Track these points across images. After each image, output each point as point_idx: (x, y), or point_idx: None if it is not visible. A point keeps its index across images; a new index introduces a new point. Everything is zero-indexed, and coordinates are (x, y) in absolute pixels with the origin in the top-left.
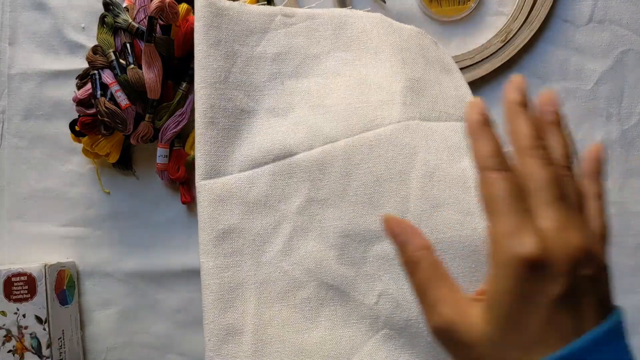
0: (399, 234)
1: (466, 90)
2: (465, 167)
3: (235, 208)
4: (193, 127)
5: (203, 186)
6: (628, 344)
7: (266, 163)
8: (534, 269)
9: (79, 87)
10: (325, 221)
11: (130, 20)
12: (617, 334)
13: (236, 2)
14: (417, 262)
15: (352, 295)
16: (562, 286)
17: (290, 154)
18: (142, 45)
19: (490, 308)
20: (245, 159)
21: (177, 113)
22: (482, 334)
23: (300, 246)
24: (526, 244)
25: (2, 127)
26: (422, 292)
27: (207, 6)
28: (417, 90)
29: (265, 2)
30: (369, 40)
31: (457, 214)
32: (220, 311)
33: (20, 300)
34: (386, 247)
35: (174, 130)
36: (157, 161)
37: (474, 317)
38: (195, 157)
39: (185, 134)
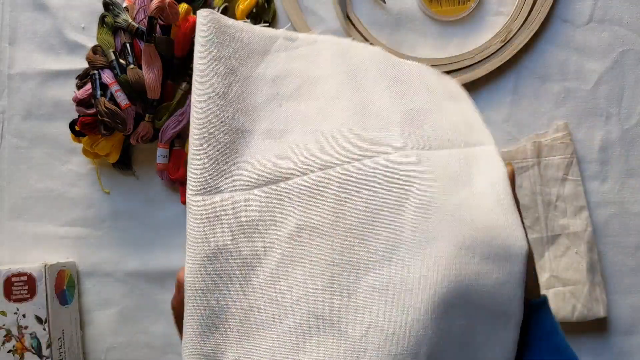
0: None
1: (473, 115)
2: (462, 199)
3: (227, 229)
4: None
5: (195, 202)
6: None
7: (259, 185)
8: None
9: (79, 87)
10: (316, 249)
11: (130, 20)
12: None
13: (239, 21)
14: None
15: (339, 327)
16: None
17: (285, 178)
18: (142, 45)
19: None
20: (239, 179)
21: (177, 113)
22: None
23: (289, 273)
24: None
25: (2, 127)
26: None
27: (211, 22)
28: (417, 120)
29: (268, 24)
30: (369, 70)
31: (451, 248)
32: (202, 336)
33: (20, 300)
34: (378, 278)
35: (174, 130)
36: (157, 161)
37: None
38: (188, 172)
39: (185, 134)
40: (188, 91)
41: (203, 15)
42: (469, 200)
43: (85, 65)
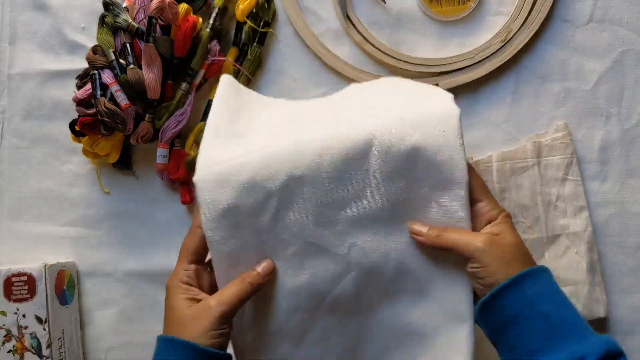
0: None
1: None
2: (415, 142)
3: (230, 190)
4: (193, 127)
5: (202, 176)
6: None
7: (253, 152)
8: None
9: (79, 87)
10: (304, 194)
11: (130, 20)
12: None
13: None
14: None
15: (328, 249)
16: None
17: (272, 146)
18: (142, 45)
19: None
20: (235, 150)
21: (177, 113)
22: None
23: (286, 215)
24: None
25: (2, 127)
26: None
27: (228, 81)
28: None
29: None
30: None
31: (405, 183)
32: (229, 271)
33: (20, 300)
34: (354, 210)
35: (174, 130)
36: (157, 161)
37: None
38: (199, 150)
39: (185, 134)
40: (188, 91)
41: (225, 78)
42: (421, 143)
43: (85, 65)
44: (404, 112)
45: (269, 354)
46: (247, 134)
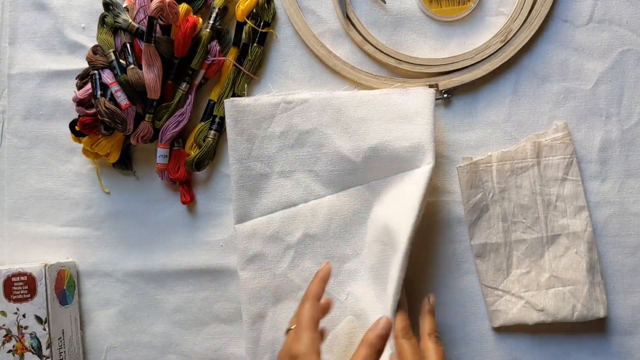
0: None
1: (423, 133)
2: (398, 206)
3: (259, 241)
4: (193, 128)
5: (238, 228)
6: None
7: (277, 210)
8: None
9: (79, 87)
10: (315, 248)
11: (130, 20)
12: None
13: (252, 98)
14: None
15: (330, 294)
16: None
17: (293, 205)
18: (142, 45)
19: None
20: (265, 207)
21: (177, 113)
22: None
23: (300, 264)
24: None
25: (2, 127)
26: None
27: (233, 107)
28: (373, 158)
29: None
30: (342, 117)
31: (385, 247)
32: (251, 304)
33: (20, 300)
34: (353, 265)
35: (174, 130)
36: (157, 161)
37: None
38: (232, 208)
39: (185, 134)
40: (188, 91)
41: (227, 104)
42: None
43: (85, 65)
44: (397, 181)
45: None
46: (266, 166)
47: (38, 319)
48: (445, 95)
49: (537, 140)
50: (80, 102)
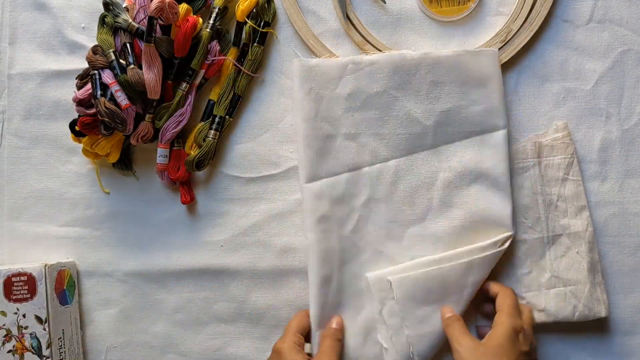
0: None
1: (496, 97)
2: (473, 188)
3: (326, 202)
4: (193, 128)
5: (306, 187)
6: None
7: (343, 172)
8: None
9: (79, 87)
10: (379, 212)
11: (130, 20)
12: None
13: (320, 59)
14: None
15: (394, 258)
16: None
17: (359, 168)
18: (142, 45)
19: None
20: (331, 169)
21: (177, 113)
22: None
23: (363, 227)
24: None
25: (2, 127)
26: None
27: (302, 66)
28: (445, 122)
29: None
30: (413, 80)
31: (462, 211)
32: (320, 267)
33: (20, 300)
34: (417, 230)
35: (174, 130)
36: (157, 161)
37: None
38: (299, 166)
39: (185, 134)
40: (188, 91)
41: (296, 63)
42: (478, 187)
43: (85, 65)
44: (465, 148)
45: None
46: (332, 128)
47: (38, 319)
48: None
49: (537, 141)
50: (80, 102)
